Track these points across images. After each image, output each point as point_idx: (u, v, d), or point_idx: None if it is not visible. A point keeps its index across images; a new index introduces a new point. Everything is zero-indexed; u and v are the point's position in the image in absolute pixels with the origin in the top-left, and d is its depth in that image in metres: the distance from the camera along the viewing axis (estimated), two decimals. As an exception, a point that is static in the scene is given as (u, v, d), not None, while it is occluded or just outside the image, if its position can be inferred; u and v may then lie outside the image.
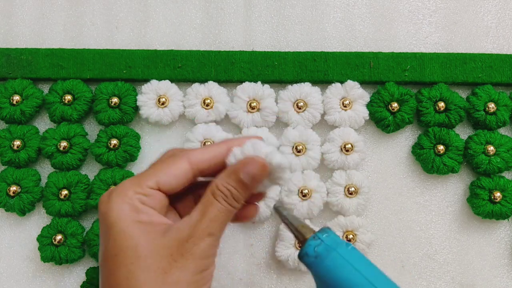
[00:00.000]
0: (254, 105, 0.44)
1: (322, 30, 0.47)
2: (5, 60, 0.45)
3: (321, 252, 0.29)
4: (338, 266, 0.28)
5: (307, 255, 0.29)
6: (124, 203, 0.30)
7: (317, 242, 0.29)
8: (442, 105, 0.44)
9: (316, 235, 0.30)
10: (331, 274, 0.28)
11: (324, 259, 0.29)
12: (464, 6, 0.47)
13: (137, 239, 0.29)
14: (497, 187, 0.43)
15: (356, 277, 0.28)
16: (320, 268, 0.29)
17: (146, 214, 0.30)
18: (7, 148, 0.44)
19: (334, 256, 0.29)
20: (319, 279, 0.29)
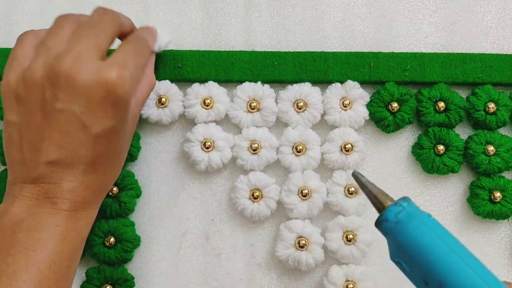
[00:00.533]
0: (254, 105, 0.44)
1: (322, 30, 0.47)
2: (5, 60, 0.45)
3: (402, 218, 0.29)
4: (420, 233, 0.28)
5: (387, 221, 0.29)
6: (133, 84, 0.35)
7: (399, 209, 0.29)
8: (442, 105, 0.44)
9: (398, 202, 0.30)
10: (413, 240, 0.28)
11: (406, 225, 0.28)
12: (464, 6, 0.47)
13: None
14: (497, 187, 0.43)
15: (438, 244, 0.28)
16: (401, 234, 0.29)
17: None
18: (7, 148, 0.44)
19: (416, 223, 0.28)
20: (397, 245, 0.29)
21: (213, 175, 0.45)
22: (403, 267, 0.29)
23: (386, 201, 0.30)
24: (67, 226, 0.34)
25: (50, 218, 0.33)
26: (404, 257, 0.29)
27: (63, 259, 0.33)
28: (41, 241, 0.32)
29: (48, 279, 0.32)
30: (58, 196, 0.33)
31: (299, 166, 0.43)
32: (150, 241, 0.44)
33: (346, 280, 0.42)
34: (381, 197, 0.31)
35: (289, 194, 0.43)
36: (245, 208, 0.43)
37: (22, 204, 0.33)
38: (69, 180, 0.34)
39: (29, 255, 0.32)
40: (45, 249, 0.32)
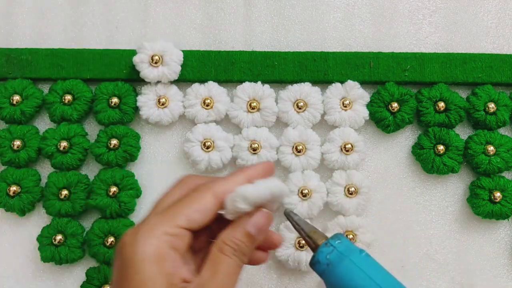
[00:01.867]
0: (254, 105, 0.44)
1: (322, 30, 0.47)
2: (5, 60, 0.45)
3: (333, 259, 0.28)
4: (351, 274, 0.28)
5: (319, 263, 0.29)
6: (152, 246, 0.28)
7: (330, 249, 0.28)
8: (442, 105, 0.44)
9: (328, 241, 0.29)
10: (344, 282, 0.28)
11: (336, 267, 0.28)
12: (464, 6, 0.47)
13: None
14: (497, 187, 0.43)
15: (369, 285, 0.27)
16: (333, 275, 0.28)
17: (171, 264, 0.29)
18: (7, 148, 0.44)
19: (346, 263, 0.28)
20: (332, 286, 0.28)
21: (213, 175, 0.45)
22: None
23: (318, 240, 0.30)
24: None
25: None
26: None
27: None
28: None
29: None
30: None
31: (299, 166, 0.43)
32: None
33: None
34: (313, 235, 0.30)
35: (289, 194, 0.43)
36: (245, 208, 0.43)
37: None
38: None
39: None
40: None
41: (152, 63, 0.43)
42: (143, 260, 0.28)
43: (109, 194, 0.43)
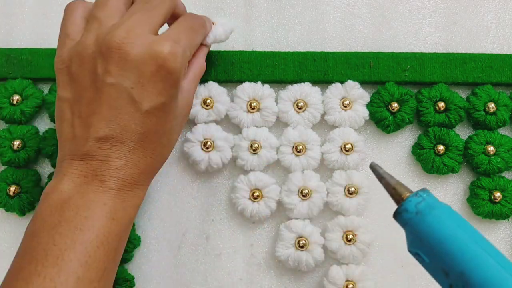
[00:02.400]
0: (254, 105, 0.44)
1: (322, 30, 0.47)
2: (5, 60, 0.45)
3: (422, 208, 0.29)
4: (441, 223, 0.28)
5: (406, 211, 0.29)
6: (185, 61, 0.34)
7: (419, 199, 0.29)
8: (442, 105, 0.44)
9: (418, 192, 0.29)
10: (433, 230, 0.28)
11: (427, 216, 0.28)
12: (464, 6, 0.47)
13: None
14: (497, 187, 0.43)
15: (459, 234, 0.28)
16: (421, 224, 0.28)
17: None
18: (7, 148, 0.44)
19: (437, 213, 0.28)
20: (417, 236, 0.29)
21: (213, 175, 0.45)
22: (422, 258, 0.29)
23: (405, 192, 0.30)
24: (114, 206, 0.33)
25: (98, 197, 0.32)
26: (424, 248, 0.29)
27: (111, 239, 0.32)
28: (89, 220, 0.31)
29: (95, 260, 0.31)
30: (105, 174, 0.33)
31: (299, 166, 0.43)
32: (150, 241, 0.44)
33: (346, 280, 0.42)
34: (399, 188, 0.31)
35: (289, 194, 0.43)
36: (245, 208, 0.43)
37: (70, 181, 0.33)
38: (117, 158, 0.33)
39: (76, 234, 0.31)
40: (93, 229, 0.31)
41: None
42: (182, 72, 0.34)
43: (109, 194, 0.43)
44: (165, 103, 0.33)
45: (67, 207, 0.32)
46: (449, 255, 0.28)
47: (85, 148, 0.33)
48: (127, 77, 0.32)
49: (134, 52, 0.32)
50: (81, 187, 0.32)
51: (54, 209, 0.32)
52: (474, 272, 0.27)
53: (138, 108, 0.33)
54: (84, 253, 0.31)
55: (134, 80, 0.32)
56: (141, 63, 0.32)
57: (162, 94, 0.33)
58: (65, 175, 0.33)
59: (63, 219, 0.31)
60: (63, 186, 0.32)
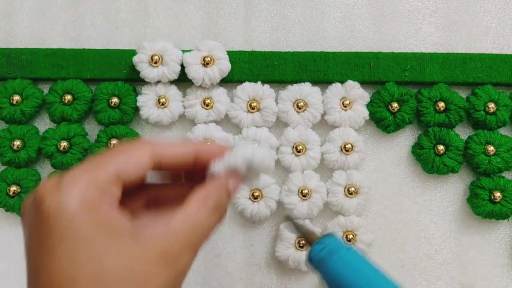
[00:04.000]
0: (254, 105, 0.44)
1: (322, 30, 0.47)
2: (5, 60, 0.45)
3: (324, 255, 0.31)
4: (340, 267, 0.30)
5: (312, 260, 0.31)
6: (78, 196, 0.24)
7: (321, 247, 0.31)
8: (442, 105, 0.44)
9: (319, 240, 0.31)
10: (334, 275, 0.30)
11: (328, 262, 0.30)
12: (464, 6, 0.47)
13: (99, 251, 0.23)
14: (497, 187, 0.43)
15: (356, 276, 0.30)
16: (325, 270, 0.30)
17: (104, 213, 0.24)
18: (7, 148, 0.44)
19: (335, 258, 0.30)
20: (325, 280, 0.31)
21: (213, 175, 0.45)
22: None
23: (313, 239, 0.32)
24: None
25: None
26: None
27: None
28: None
29: None
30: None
31: (299, 166, 0.43)
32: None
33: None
34: (310, 236, 0.33)
35: (289, 194, 0.43)
36: (245, 208, 0.43)
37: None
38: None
39: None
40: None
41: (152, 63, 0.43)
42: (72, 211, 0.23)
43: (109, 194, 0.43)
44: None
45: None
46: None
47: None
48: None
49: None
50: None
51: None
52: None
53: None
54: None
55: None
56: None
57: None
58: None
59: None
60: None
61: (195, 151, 0.29)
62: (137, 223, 0.26)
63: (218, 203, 0.28)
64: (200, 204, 0.27)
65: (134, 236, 0.25)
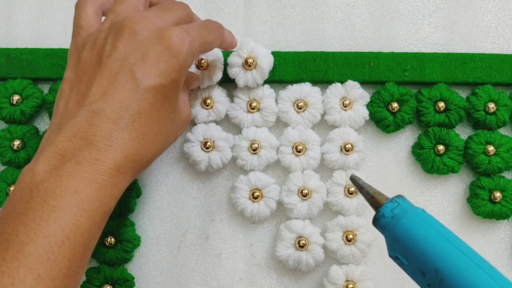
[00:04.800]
0: (254, 105, 0.44)
1: (322, 30, 0.47)
2: (5, 60, 0.45)
3: (398, 213, 0.30)
4: (415, 225, 0.30)
5: (383, 216, 0.31)
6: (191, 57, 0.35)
7: (394, 205, 0.31)
8: (442, 105, 0.44)
9: (393, 198, 0.31)
10: (408, 232, 0.30)
11: (402, 219, 0.30)
12: (464, 6, 0.47)
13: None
14: (497, 187, 0.43)
15: (432, 234, 0.29)
16: (397, 227, 0.30)
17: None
18: (7, 148, 0.44)
19: (410, 216, 0.30)
20: (394, 239, 0.30)
21: (213, 175, 0.45)
22: (401, 261, 0.30)
23: (382, 200, 0.32)
24: (87, 195, 0.30)
25: (70, 182, 0.29)
26: (401, 251, 0.30)
27: (78, 234, 0.29)
28: (56, 210, 0.29)
29: (58, 256, 0.28)
30: (85, 154, 0.30)
31: (299, 166, 0.43)
32: (150, 241, 0.44)
33: (346, 280, 0.42)
34: (377, 196, 0.32)
35: (289, 194, 0.43)
36: (245, 208, 0.43)
37: (46, 161, 0.30)
38: (103, 137, 0.31)
39: (41, 226, 0.28)
40: (59, 221, 0.29)
41: None
42: (191, 58, 0.35)
43: (109, 194, 0.43)
44: (164, 86, 0.33)
45: (37, 193, 0.29)
46: (424, 254, 0.29)
47: (73, 120, 0.31)
48: (132, 54, 0.33)
49: (144, 33, 0.33)
50: (55, 169, 0.30)
51: (24, 194, 0.30)
52: (448, 269, 0.28)
53: (136, 85, 0.32)
54: (46, 249, 0.28)
55: (138, 57, 0.33)
56: (148, 43, 0.33)
57: (163, 76, 0.33)
58: (42, 154, 0.31)
59: (30, 207, 0.29)
60: (38, 167, 0.30)
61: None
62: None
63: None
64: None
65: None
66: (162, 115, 0.34)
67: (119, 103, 0.32)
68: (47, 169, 0.30)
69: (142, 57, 0.33)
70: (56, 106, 0.34)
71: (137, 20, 0.34)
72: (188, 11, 0.38)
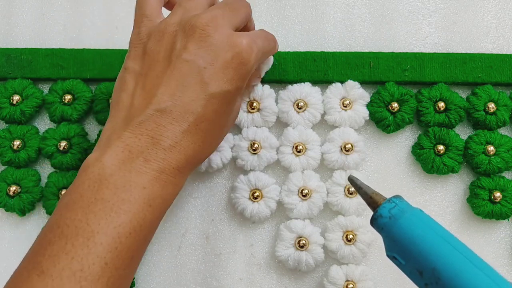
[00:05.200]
0: (254, 105, 0.44)
1: (322, 30, 0.47)
2: (5, 60, 0.45)
3: (395, 213, 0.30)
4: (413, 225, 0.30)
5: (381, 216, 0.31)
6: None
7: (392, 205, 0.31)
8: (442, 105, 0.44)
9: (390, 199, 0.31)
10: (406, 232, 0.30)
11: (399, 219, 0.30)
12: (464, 6, 0.47)
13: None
14: (497, 187, 0.43)
15: (429, 234, 0.29)
16: (394, 227, 0.30)
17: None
18: (7, 148, 0.44)
19: (408, 216, 0.30)
20: (392, 239, 0.30)
21: (213, 175, 0.45)
22: (399, 261, 0.30)
23: (380, 200, 0.32)
24: (153, 191, 0.31)
25: (138, 178, 0.31)
26: (399, 251, 0.30)
27: (144, 227, 0.31)
28: (126, 203, 0.30)
29: (125, 247, 0.30)
30: (152, 153, 0.32)
31: (299, 166, 0.43)
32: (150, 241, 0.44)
33: (346, 280, 0.42)
34: (375, 197, 0.32)
35: (289, 194, 0.43)
36: (245, 208, 0.43)
37: (114, 155, 0.31)
38: (168, 137, 0.32)
39: (112, 217, 0.30)
40: (128, 213, 0.30)
41: None
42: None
43: (109, 194, 0.43)
44: (229, 92, 0.34)
45: (106, 185, 0.31)
46: (421, 254, 0.29)
47: (140, 118, 0.32)
48: (203, 57, 0.33)
49: (215, 36, 0.33)
50: (123, 164, 0.31)
51: (93, 185, 0.31)
52: (445, 267, 0.28)
53: (204, 90, 0.33)
54: (115, 239, 0.30)
55: (208, 61, 0.33)
56: (218, 48, 0.33)
57: (230, 83, 0.33)
58: (110, 148, 0.32)
59: (100, 198, 0.30)
60: (106, 160, 0.31)
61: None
62: None
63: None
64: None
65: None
66: (223, 119, 0.36)
67: (186, 106, 0.33)
68: (116, 163, 0.31)
69: (212, 61, 0.33)
70: (118, 97, 0.34)
71: (208, 21, 0.34)
72: (249, 12, 0.38)
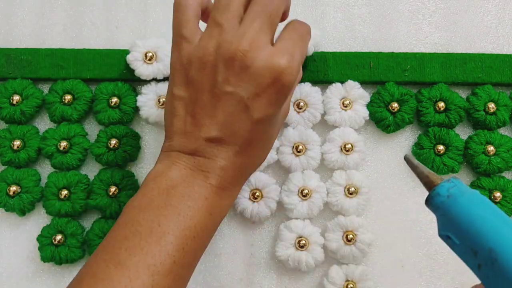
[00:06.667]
0: (254, 105, 0.44)
1: (322, 30, 0.47)
2: (5, 60, 0.45)
3: (454, 192, 0.30)
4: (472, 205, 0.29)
5: (439, 195, 0.31)
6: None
7: (451, 184, 0.31)
8: (442, 105, 0.44)
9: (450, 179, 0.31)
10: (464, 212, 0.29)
11: (458, 198, 0.30)
12: (464, 6, 0.47)
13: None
14: (497, 187, 0.43)
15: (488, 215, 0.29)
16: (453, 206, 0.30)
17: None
18: (7, 148, 0.44)
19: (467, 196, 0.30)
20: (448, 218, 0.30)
21: (213, 175, 0.45)
22: (453, 240, 0.30)
23: (437, 180, 0.32)
24: (213, 202, 0.35)
25: (201, 190, 0.34)
26: (454, 230, 0.30)
27: (205, 233, 0.34)
28: (192, 210, 0.34)
29: (190, 248, 0.33)
30: (210, 171, 0.35)
31: (299, 166, 0.43)
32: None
33: (346, 280, 0.42)
34: (432, 176, 0.32)
35: (289, 194, 0.43)
36: (245, 208, 0.43)
37: (178, 170, 0.35)
38: (223, 158, 0.35)
39: (180, 220, 0.33)
40: (193, 219, 0.33)
41: (146, 60, 0.43)
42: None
43: (109, 194, 0.43)
44: (274, 114, 0.35)
45: (174, 193, 0.34)
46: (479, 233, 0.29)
47: (194, 146, 0.35)
48: (245, 88, 0.33)
49: (255, 65, 0.33)
50: (187, 178, 0.35)
51: (162, 192, 0.34)
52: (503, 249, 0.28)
53: (249, 116, 0.34)
54: (183, 240, 0.33)
55: (251, 91, 0.33)
56: (259, 75, 0.33)
57: (273, 105, 0.34)
58: (174, 164, 0.35)
59: (169, 203, 0.33)
60: (172, 173, 0.35)
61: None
62: None
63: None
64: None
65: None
66: (271, 133, 0.37)
67: (234, 133, 0.35)
68: (180, 176, 0.35)
69: (255, 91, 0.33)
70: (171, 121, 0.36)
71: (246, 46, 0.33)
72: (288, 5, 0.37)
